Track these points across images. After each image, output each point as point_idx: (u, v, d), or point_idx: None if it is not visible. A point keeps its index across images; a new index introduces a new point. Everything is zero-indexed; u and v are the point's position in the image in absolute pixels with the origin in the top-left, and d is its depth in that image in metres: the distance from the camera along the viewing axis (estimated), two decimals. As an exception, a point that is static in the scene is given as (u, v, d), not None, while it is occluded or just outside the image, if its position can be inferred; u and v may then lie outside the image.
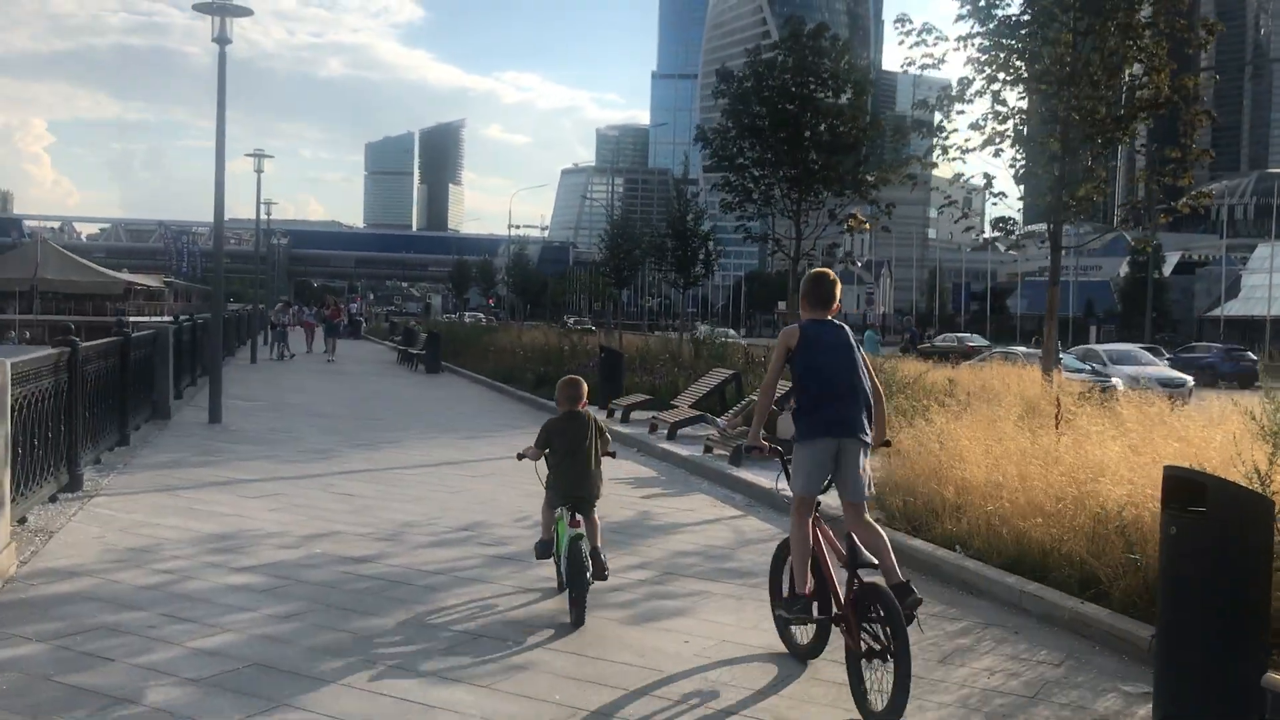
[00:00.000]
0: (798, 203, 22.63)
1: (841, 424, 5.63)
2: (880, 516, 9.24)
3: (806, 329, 5.78)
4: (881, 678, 5.03)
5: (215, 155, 16.31)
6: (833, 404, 5.66)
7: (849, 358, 5.72)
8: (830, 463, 5.74)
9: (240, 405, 18.77)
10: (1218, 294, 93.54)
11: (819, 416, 5.68)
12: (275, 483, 10.89)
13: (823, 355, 5.69)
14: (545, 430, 7.04)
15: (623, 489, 11.38)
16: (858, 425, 5.65)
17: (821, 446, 5.71)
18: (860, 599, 5.31)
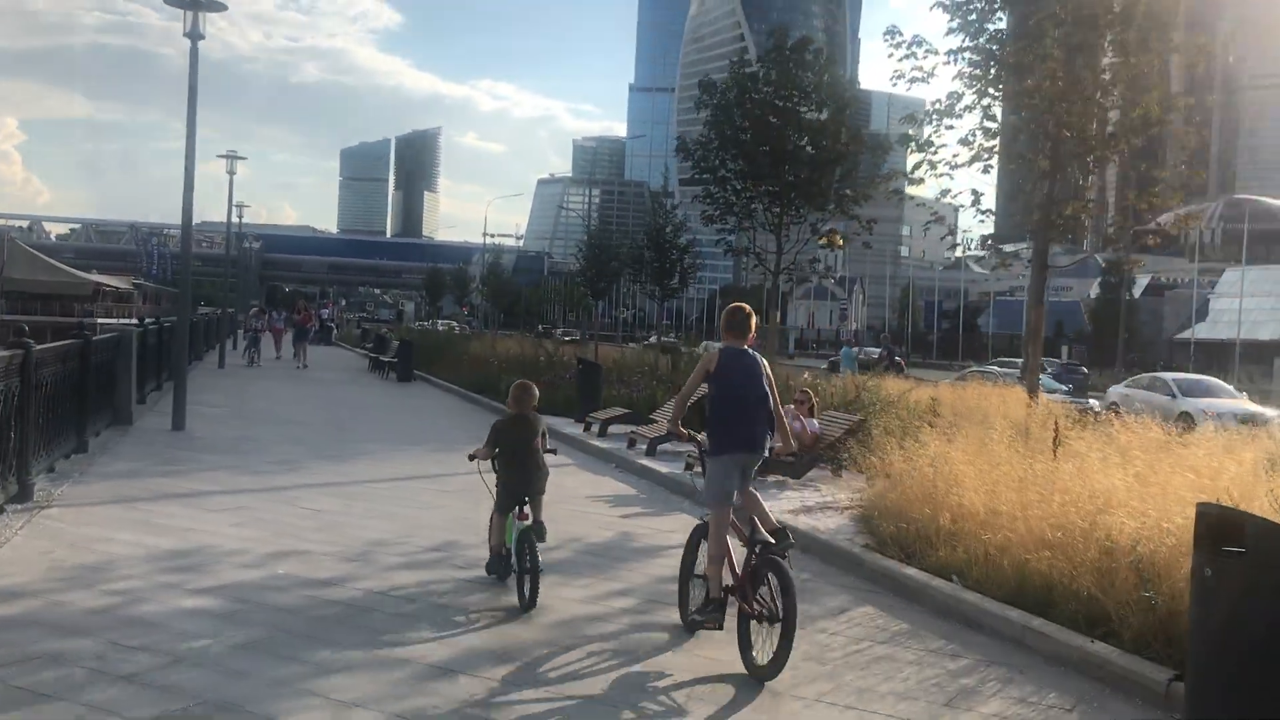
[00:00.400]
0: (779, 217, 22.36)
1: (749, 441, 6.60)
2: (870, 542, 8.92)
3: (724, 354, 6.64)
4: (768, 636, 5.91)
5: (185, 154, 15.83)
6: (743, 423, 6.56)
7: (758, 383, 6.55)
8: (737, 471, 6.67)
9: (206, 412, 18.23)
10: (1186, 316, 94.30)
11: (731, 434, 6.59)
12: (239, 495, 10.42)
13: (737, 378, 6.53)
14: (495, 430, 7.54)
15: (602, 507, 10.99)
16: (762, 442, 6.66)
17: (733, 460, 6.63)
18: (756, 570, 6.26)
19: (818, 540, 9.16)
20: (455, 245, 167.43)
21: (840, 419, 12.96)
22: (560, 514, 10.29)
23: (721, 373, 6.55)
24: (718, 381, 6.57)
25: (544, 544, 7.24)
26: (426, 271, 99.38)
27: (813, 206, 22.44)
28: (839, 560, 8.69)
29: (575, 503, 11.15)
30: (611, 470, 13.78)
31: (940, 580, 7.60)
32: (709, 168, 23.06)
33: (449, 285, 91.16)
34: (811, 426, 12.62)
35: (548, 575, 7.64)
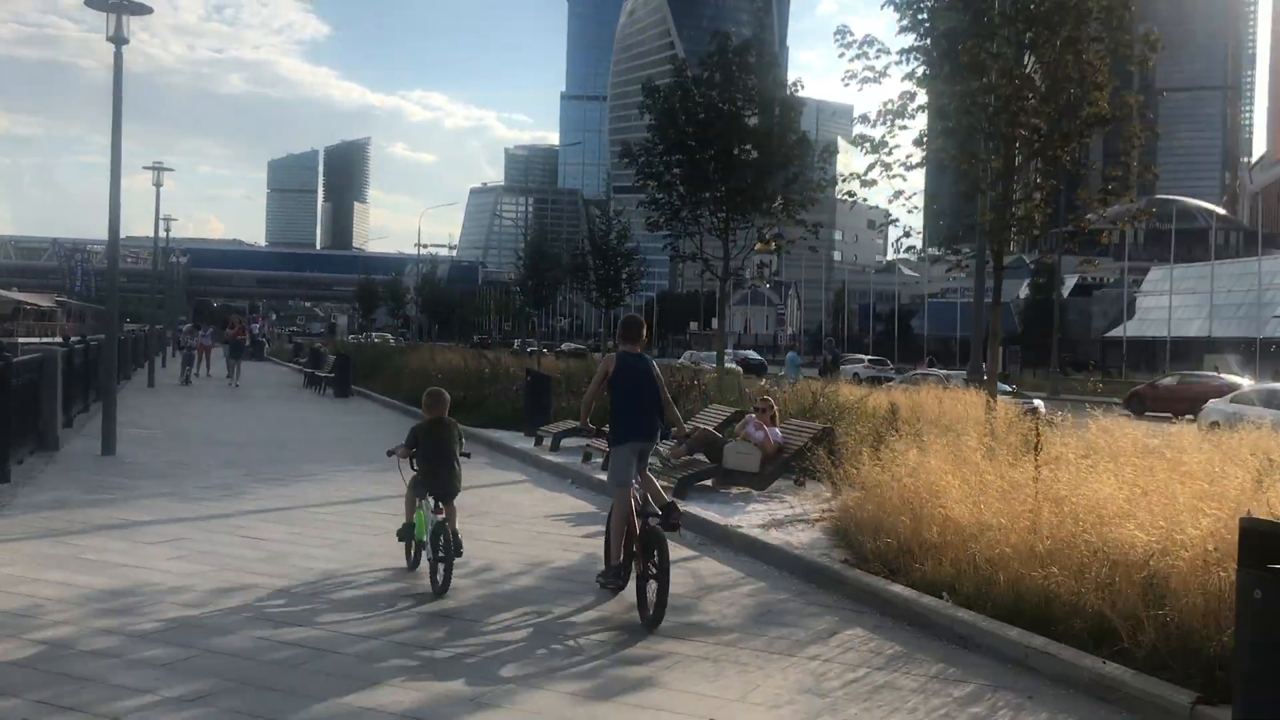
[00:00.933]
0: (725, 221, 22.06)
1: (644, 430, 7.79)
2: (849, 557, 8.55)
3: (621, 358, 7.82)
4: (654, 592, 6.95)
5: (110, 166, 15.05)
6: (637, 416, 7.74)
7: (650, 382, 7.78)
8: (635, 457, 7.72)
9: (137, 434, 17.41)
10: (1114, 315, 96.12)
11: (629, 426, 7.73)
12: (176, 525, 9.77)
13: (632, 379, 7.72)
14: (413, 433, 8.20)
15: (562, 527, 10.51)
16: (654, 432, 7.90)
17: (630, 448, 7.72)
18: (645, 539, 7.28)
19: (793, 556, 8.77)
20: (387, 256, 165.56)
21: (804, 427, 12.61)
22: (519, 536, 9.85)
23: (619, 375, 7.73)
24: (616, 382, 7.74)
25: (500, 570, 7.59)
26: (358, 283, 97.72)
27: (758, 212, 22.18)
28: (818, 578, 8.30)
29: (534, 523, 10.67)
30: (568, 487, 13.30)
31: (930, 598, 7.24)
32: (653, 173, 22.69)
33: (383, 297, 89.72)
34: (774, 436, 12.26)
35: (520, 607, 7.19)
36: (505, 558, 8.87)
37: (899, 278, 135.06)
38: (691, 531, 10.20)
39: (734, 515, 10.59)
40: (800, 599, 7.83)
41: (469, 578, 8.11)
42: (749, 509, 11.07)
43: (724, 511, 10.77)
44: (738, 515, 10.61)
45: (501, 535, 9.92)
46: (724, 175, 21.73)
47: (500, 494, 12.46)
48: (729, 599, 7.76)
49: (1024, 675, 6.11)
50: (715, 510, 10.80)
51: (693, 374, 21.17)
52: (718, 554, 9.37)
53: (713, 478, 11.97)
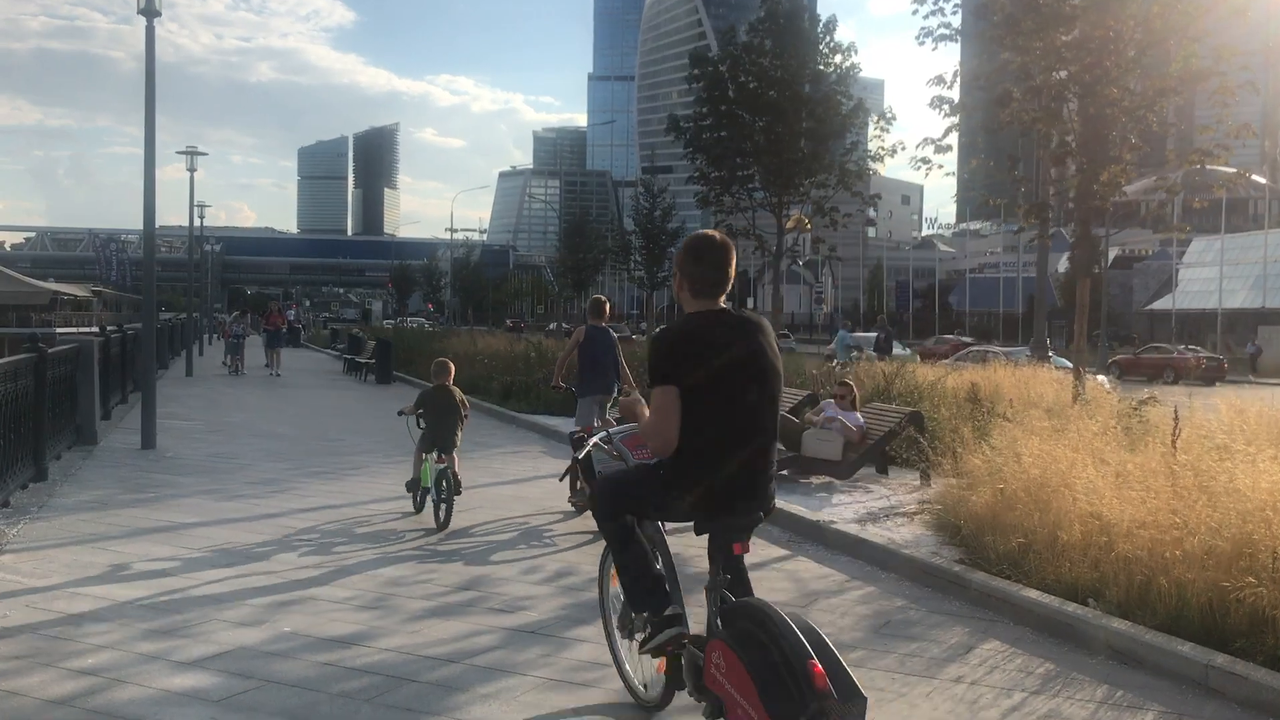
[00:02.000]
0: (779, 195, 21.20)
1: (602, 387, 10.17)
2: (964, 557, 7.70)
3: (589, 330, 10.32)
4: None
5: (144, 146, 14.36)
6: (598, 376, 10.14)
7: (610, 350, 10.20)
8: (596, 407, 10.04)
9: (177, 426, 16.79)
10: (1155, 288, 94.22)
11: (592, 382, 10.17)
12: (222, 528, 9.05)
13: (596, 347, 10.17)
14: (421, 396, 9.77)
15: (637, 523, 9.70)
16: (611, 387, 10.17)
17: (593, 399, 10.12)
18: None
19: (902, 557, 7.92)
20: (419, 241, 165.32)
21: (887, 411, 11.73)
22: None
23: (586, 343, 10.27)
24: (583, 349, 10.29)
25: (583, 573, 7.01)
26: (391, 269, 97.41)
27: (813, 183, 21.29)
28: (934, 581, 7.45)
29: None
30: (633, 476, 12.50)
31: (1075, 605, 6.39)
32: (702, 145, 21.85)
33: (418, 282, 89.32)
34: (855, 421, 11.39)
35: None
36: (582, 559, 8.09)
37: (935, 254, 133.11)
38: (778, 528, 9.39)
39: (822, 509, 9.76)
40: (920, 606, 6.99)
41: (546, 584, 7.34)
42: (835, 501, 10.24)
43: (810, 505, 9.94)
44: (826, 509, 9.78)
45: (573, 530, 9.13)
46: (777, 146, 20.87)
47: (565, 487, 11.65)
48: (840, 608, 6.93)
49: (1208, 700, 5.26)
50: (800, 503, 9.97)
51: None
52: (812, 553, 8.54)
53: (791, 467, 11.12)
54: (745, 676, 3.60)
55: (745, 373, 4.13)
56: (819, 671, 3.38)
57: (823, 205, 20.87)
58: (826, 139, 21.02)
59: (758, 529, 4.51)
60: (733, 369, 4.09)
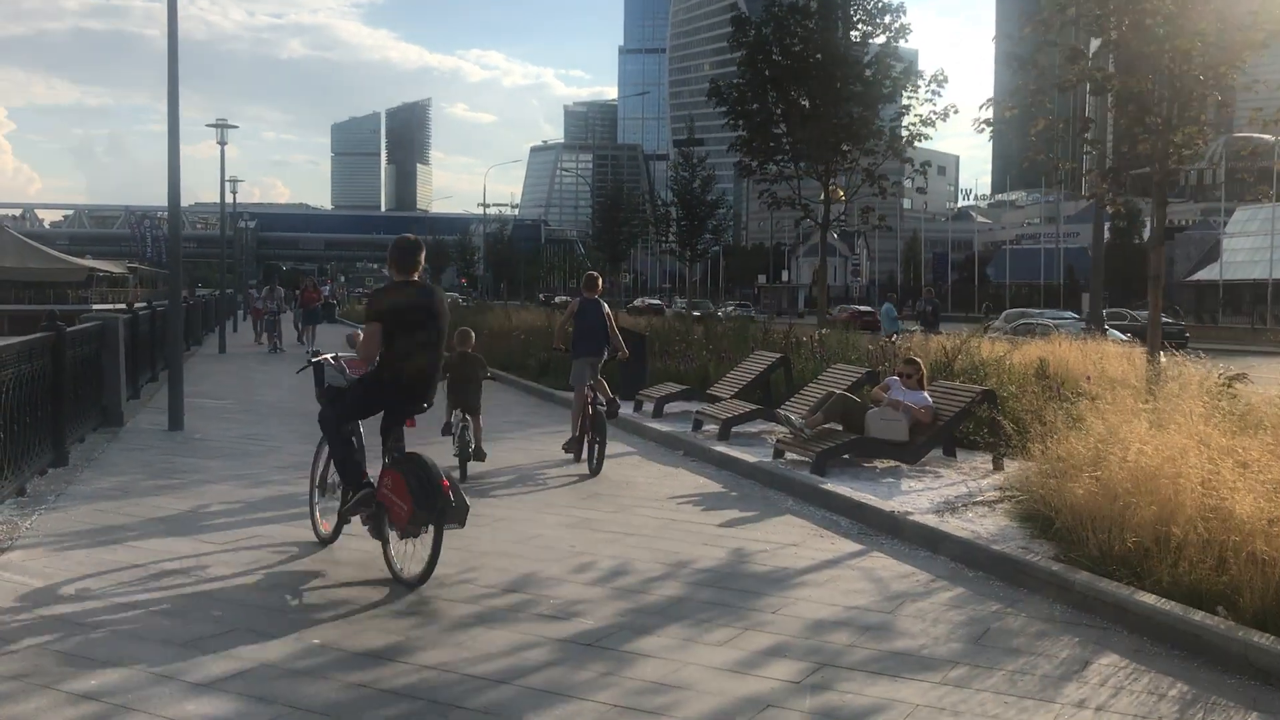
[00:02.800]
0: (826, 163, 20.34)
1: (592, 350, 11.42)
2: (1060, 553, 6.95)
3: (583, 303, 11.58)
4: (596, 454, 10.74)
5: (168, 121, 13.73)
6: (590, 341, 11.43)
7: (600, 318, 11.47)
8: (588, 368, 11.23)
9: (206, 405, 16.27)
10: (1197, 258, 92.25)
11: (584, 346, 11.42)
12: (250, 518, 8.44)
13: (588, 318, 11.49)
14: (446, 361, 8.84)
15: (692, 512, 9.01)
16: (600, 350, 11.47)
17: (585, 361, 11.34)
18: (593, 420, 10.82)
19: (991, 553, 7.16)
20: (452, 216, 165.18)
21: (956, 390, 10.94)
22: (646, 524, 8.38)
23: (580, 313, 11.52)
24: (578, 318, 11.57)
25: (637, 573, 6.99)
26: (427, 245, 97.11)
27: (861, 149, 20.41)
28: (1030, 581, 6.71)
29: (658, 506, 9.18)
30: (682, 460, 11.79)
31: (1203, 615, 5.63)
32: (746, 112, 20.99)
33: (452, 257, 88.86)
34: (922, 401, 10.60)
35: (674, 627, 5.74)
36: (639, 555, 7.39)
37: (971, 225, 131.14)
38: (847, 518, 8.66)
39: (893, 496, 9.02)
40: (1018, 611, 6.26)
41: (601, 584, 6.66)
42: (905, 488, 9.49)
43: (878, 492, 9.21)
44: (897, 497, 9.04)
45: (626, 523, 8.46)
46: (823, 112, 19.99)
47: (610, 469, 10.99)
48: (930, 613, 6.21)
49: (1381, 732, 4.50)
50: (868, 490, 9.24)
51: (789, 330, 19.54)
52: (888, 547, 7.81)
53: (853, 450, 10.37)
54: (404, 488, 6.39)
55: (418, 317, 6.86)
56: (445, 485, 6.33)
57: (873, 173, 20.00)
58: (875, 103, 20.11)
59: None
60: (411, 314, 6.84)
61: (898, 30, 20.30)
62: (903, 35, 20.25)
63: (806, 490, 9.50)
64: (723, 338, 20.25)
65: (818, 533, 8.25)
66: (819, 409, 10.72)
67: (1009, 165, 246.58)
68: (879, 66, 19.90)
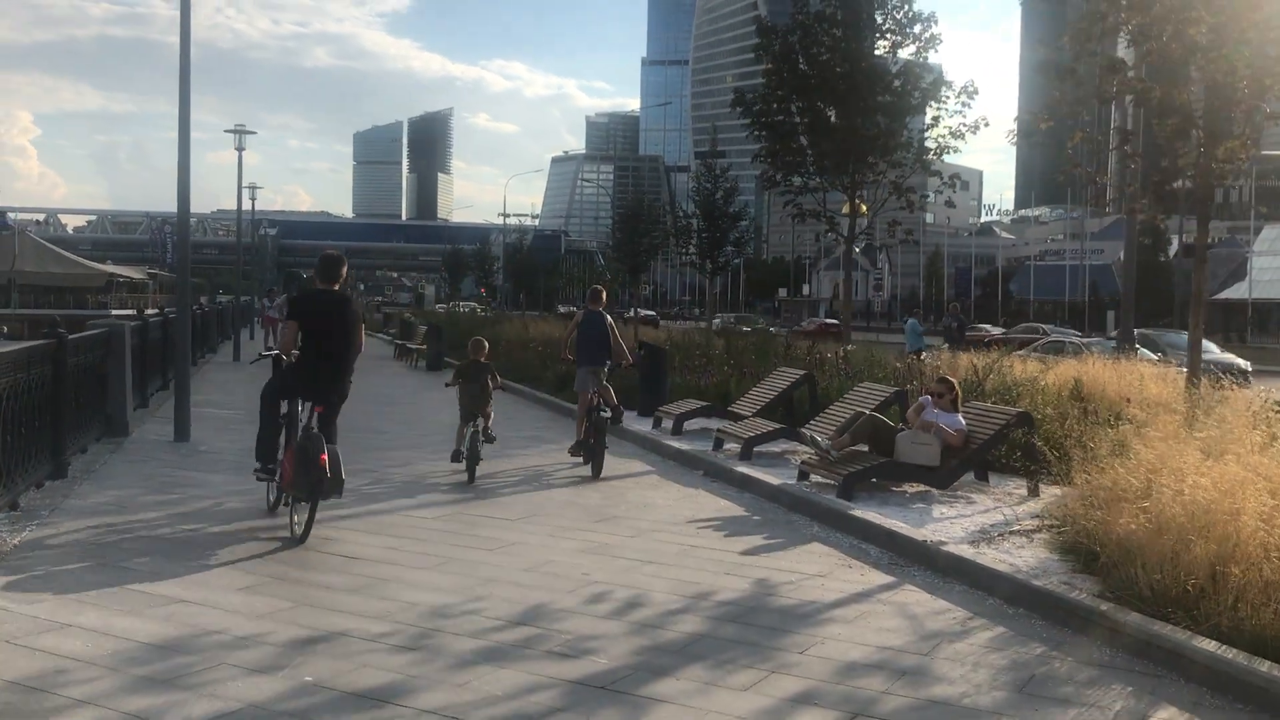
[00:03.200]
0: (852, 175, 19.91)
1: (594, 359, 12.14)
2: (1106, 591, 6.49)
3: (586, 314, 12.53)
4: (597, 456, 11.43)
5: (179, 126, 13.45)
6: (592, 351, 12.19)
7: (603, 329, 12.22)
8: (591, 376, 11.95)
9: (215, 415, 15.96)
10: (1224, 276, 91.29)
11: (586, 355, 12.20)
12: (247, 538, 8.06)
13: (591, 327, 12.29)
14: (458, 371, 11.47)
15: (713, 538, 8.57)
16: (603, 359, 12.16)
17: (588, 369, 12.09)
18: (595, 425, 11.49)
19: (1031, 589, 6.70)
20: (472, 226, 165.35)
21: (989, 411, 10.47)
22: (664, 550, 7.96)
23: (583, 325, 12.33)
24: (581, 329, 12.35)
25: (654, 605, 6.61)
26: (445, 253, 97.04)
27: (887, 161, 19.98)
28: (1074, 621, 6.25)
29: (676, 531, 8.75)
30: (702, 480, 11.35)
31: (1268, 665, 5.17)
32: (769, 123, 20.60)
33: (471, 266, 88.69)
34: (955, 423, 10.14)
35: (694, 668, 5.31)
36: (656, 585, 6.97)
37: (993, 240, 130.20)
38: (877, 547, 8.21)
39: (925, 524, 8.57)
40: (1064, 654, 5.80)
41: (616, 618, 6.24)
42: (937, 514, 9.03)
43: (909, 518, 8.76)
44: (929, 524, 8.59)
45: (643, 549, 8.04)
46: (849, 123, 19.58)
47: (628, 489, 10.59)
48: (970, 656, 5.76)
49: None
50: (898, 516, 8.79)
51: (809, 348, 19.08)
52: (921, 579, 7.36)
53: (882, 474, 9.93)
54: (292, 460, 7.90)
55: (328, 320, 8.30)
56: (323, 459, 7.64)
57: (900, 185, 19.57)
58: (904, 115, 19.68)
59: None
60: (321, 317, 8.30)
61: (927, 40, 19.87)
62: (933, 46, 19.84)
63: (833, 515, 9.06)
64: (744, 353, 19.82)
65: (846, 562, 7.81)
66: (846, 430, 10.28)
67: (1032, 180, 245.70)
68: (908, 77, 19.46)
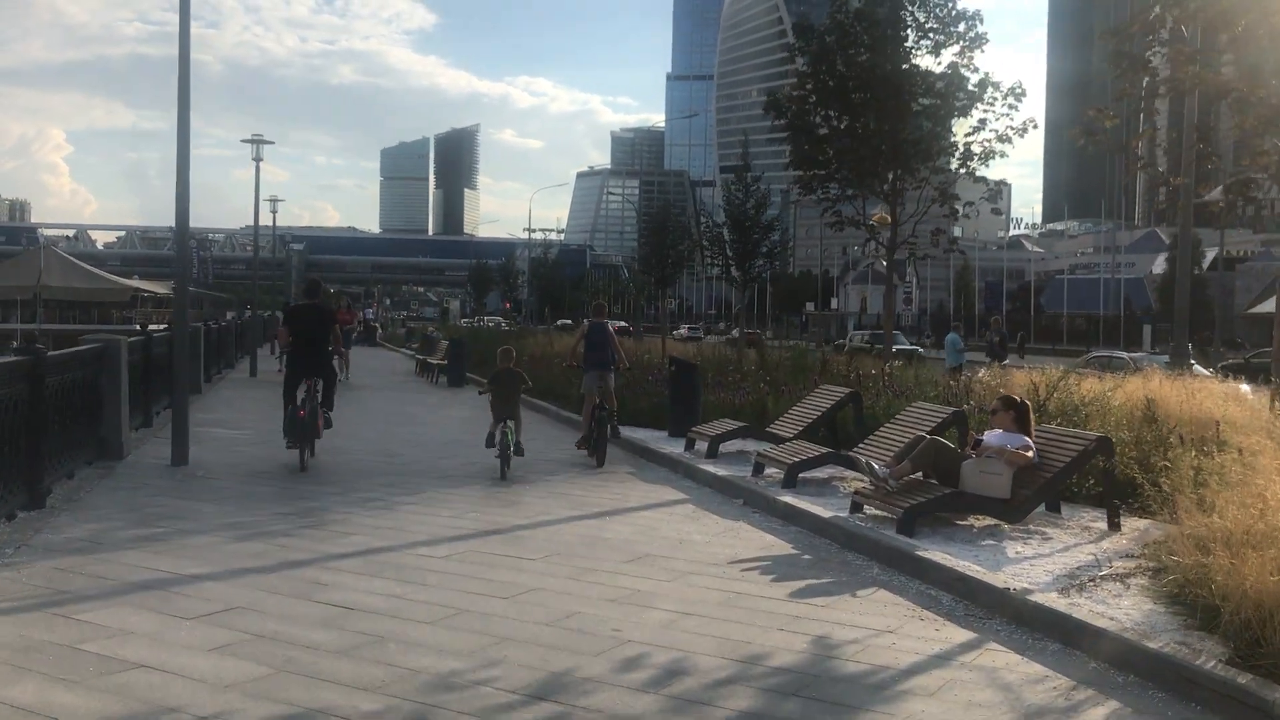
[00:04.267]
0: (894, 181, 18.89)
1: (599, 364, 13.84)
2: (1227, 653, 5.42)
3: (591, 326, 14.24)
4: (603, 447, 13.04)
5: (177, 131, 12.63)
6: (596, 354, 13.91)
7: (605, 339, 14.03)
8: (597, 379, 13.67)
9: (221, 436, 15.11)
10: (1259, 290, 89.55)
11: (592, 361, 13.87)
12: (234, 582, 7.08)
13: (595, 336, 14.06)
14: (490, 379, 12.87)
15: (760, 583, 7.51)
16: (606, 364, 13.88)
17: (594, 373, 13.76)
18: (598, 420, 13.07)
19: (1148, 655, 5.62)
20: (498, 241, 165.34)
21: (1068, 438, 9.35)
22: (706, 599, 6.92)
23: (589, 335, 14.09)
24: (587, 339, 14.13)
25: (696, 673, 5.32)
26: (470, 268, 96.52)
27: (928, 167, 18.93)
28: (1200, 694, 5.17)
29: (719, 574, 7.70)
30: (743, 511, 10.30)
31: None
32: (805, 126, 19.60)
33: (495, 280, 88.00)
34: (1025, 446, 9.06)
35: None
36: (700, 645, 5.93)
37: (1022, 254, 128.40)
38: (949, 594, 7.15)
39: (1001, 566, 7.50)
40: (1199, 741, 4.74)
41: (652, 689, 5.22)
42: (1012, 554, 7.96)
43: (981, 559, 7.69)
44: (1006, 566, 7.52)
45: (682, 596, 7.00)
46: (892, 125, 18.55)
47: (660, 522, 9.57)
48: (1089, 745, 4.70)
49: None
50: (968, 556, 7.72)
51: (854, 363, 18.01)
52: (1005, 636, 6.29)
53: (949, 507, 8.86)
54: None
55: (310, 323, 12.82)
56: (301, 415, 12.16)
57: (946, 191, 18.52)
58: (948, 118, 18.64)
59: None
60: (305, 322, 12.81)
61: (972, 40, 18.80)
62: (979, 45, 18.76)
63: (895, 555, 8.00)
64: (778, 368, 18.79)
65: (916, 613, 6.76)
66: (906, 456, 9.21)
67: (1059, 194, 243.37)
68: (953, 78, 18.43)
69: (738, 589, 7.24)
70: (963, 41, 18.66)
